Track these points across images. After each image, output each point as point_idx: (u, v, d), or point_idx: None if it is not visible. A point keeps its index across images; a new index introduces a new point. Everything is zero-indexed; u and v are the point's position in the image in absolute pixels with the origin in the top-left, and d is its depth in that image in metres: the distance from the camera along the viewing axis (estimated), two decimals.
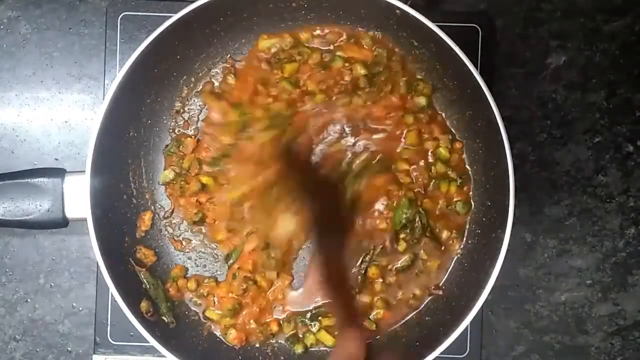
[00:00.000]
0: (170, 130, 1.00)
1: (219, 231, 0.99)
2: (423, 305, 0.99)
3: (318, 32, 0.98)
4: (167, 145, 1.00)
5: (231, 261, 0.99)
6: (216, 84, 1.00)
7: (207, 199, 0.98)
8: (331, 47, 0.98)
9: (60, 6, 1.04)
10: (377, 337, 0.98)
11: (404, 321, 0.98)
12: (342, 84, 0.96)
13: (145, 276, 0.96)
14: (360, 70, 0.97)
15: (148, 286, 0.96)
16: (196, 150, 0.99)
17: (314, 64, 0.97)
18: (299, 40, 0.98)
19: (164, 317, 0.96)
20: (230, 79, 0.98)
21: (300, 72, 0.97)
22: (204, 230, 1.00)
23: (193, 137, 0.99)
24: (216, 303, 0.99)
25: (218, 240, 0.99)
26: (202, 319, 0.99)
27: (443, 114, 0.98)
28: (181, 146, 0.99)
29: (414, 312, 0.98)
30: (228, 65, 0.99)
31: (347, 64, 0.97)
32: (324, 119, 0.96)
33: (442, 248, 0.98)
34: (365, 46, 0.98)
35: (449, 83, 0.96)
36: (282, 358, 0.98)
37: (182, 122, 1.00)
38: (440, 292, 0.97)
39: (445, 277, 0.98)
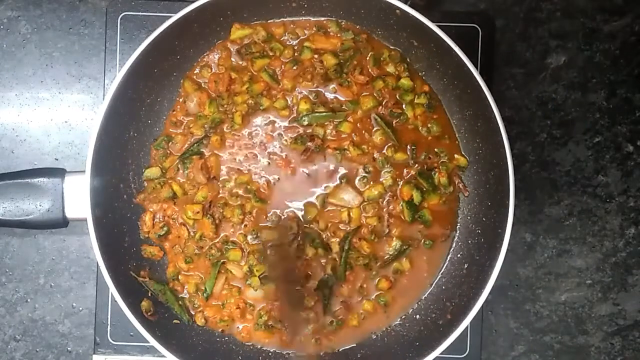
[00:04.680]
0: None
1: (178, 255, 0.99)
2: (423, 305, 0.99)
3: (292, 25, 0.98)
4: (156, 139, 0.99)
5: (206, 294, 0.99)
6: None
7: (172, 213, 0.98)
8: (300, 39, 0.98)
9: (60, 6, 1.04)
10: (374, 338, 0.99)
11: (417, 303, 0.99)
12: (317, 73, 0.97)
13: (151, 284, 0.96)
14: (331, 60, 0.97)
15: (157, 294, 0.96)
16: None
17: (286, 60, 0.98)
18: (272, 35, 0.98)
19: (182, 318, 0.97)
20: (206, 73, 0.98)
21: (270, 67, 0.98)
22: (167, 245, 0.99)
23: (183, 135, 0.99)
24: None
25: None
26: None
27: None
28: (170, 142, 0.99)
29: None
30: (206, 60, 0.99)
31: (316, 56, 0.97)
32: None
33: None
34: (332, 34, 0.98)
35: (449, 83, 0.96)
36: (283, 358, 0.99)
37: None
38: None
39: (444, 272, 0.99)
